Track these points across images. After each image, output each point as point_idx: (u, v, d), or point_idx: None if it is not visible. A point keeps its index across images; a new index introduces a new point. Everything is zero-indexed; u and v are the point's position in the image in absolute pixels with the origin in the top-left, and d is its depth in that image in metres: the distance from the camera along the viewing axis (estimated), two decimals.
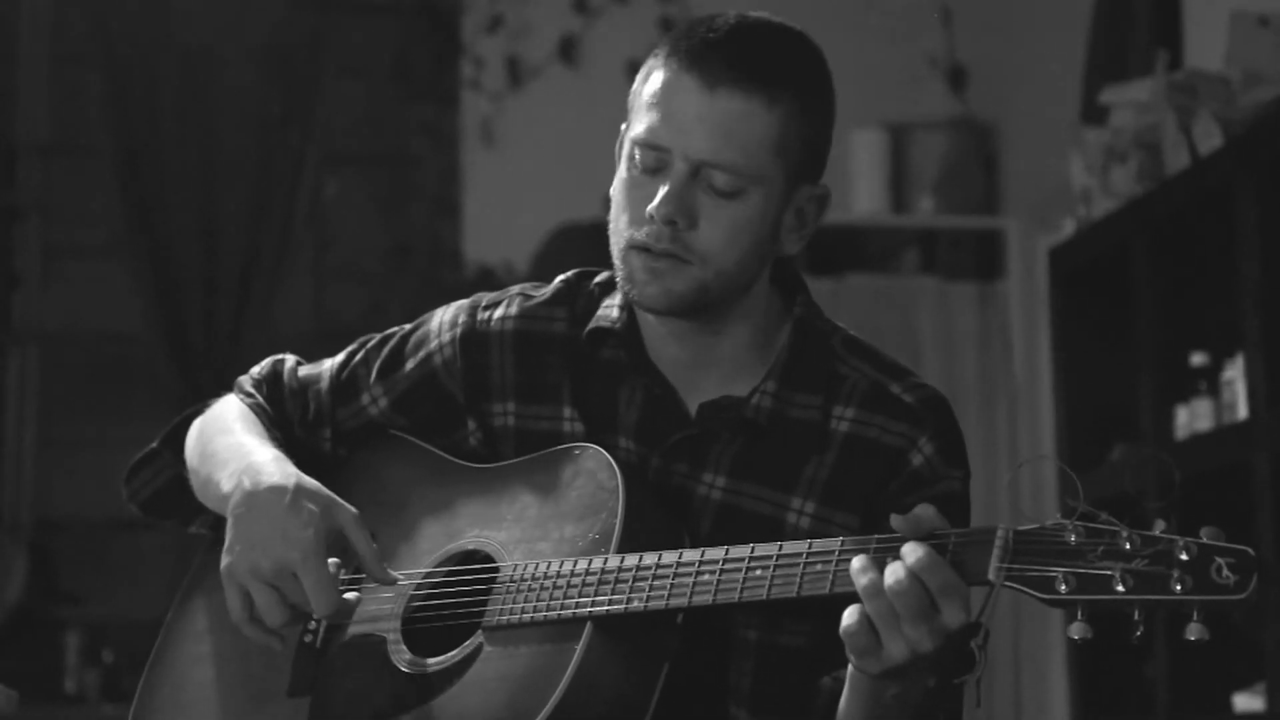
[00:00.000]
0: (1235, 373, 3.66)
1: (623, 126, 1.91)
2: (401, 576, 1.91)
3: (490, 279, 5.34)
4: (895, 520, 1.65)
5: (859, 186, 5.68)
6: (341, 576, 1.90)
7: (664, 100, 1.84)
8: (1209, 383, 3.76)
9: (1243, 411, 3.60)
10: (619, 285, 1.90)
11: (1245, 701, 3.65)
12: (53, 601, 5.29)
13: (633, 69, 2.26)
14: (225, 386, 2.14)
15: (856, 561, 1.64)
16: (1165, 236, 3.91)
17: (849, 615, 1.64)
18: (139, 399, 5.37)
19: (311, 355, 2.17)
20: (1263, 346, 3.49)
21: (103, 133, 5.34)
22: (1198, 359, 3.80)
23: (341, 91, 5.53)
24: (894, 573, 1.62)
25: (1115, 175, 4.11)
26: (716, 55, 1.83)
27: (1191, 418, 3.79)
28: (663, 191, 1.83)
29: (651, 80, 1.87)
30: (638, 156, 1.86)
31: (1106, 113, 4.24)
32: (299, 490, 1.87)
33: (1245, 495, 3.48)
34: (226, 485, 1.93)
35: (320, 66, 5.46)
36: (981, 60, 5.80)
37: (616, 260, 1.88)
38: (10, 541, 5.31)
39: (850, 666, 1.70)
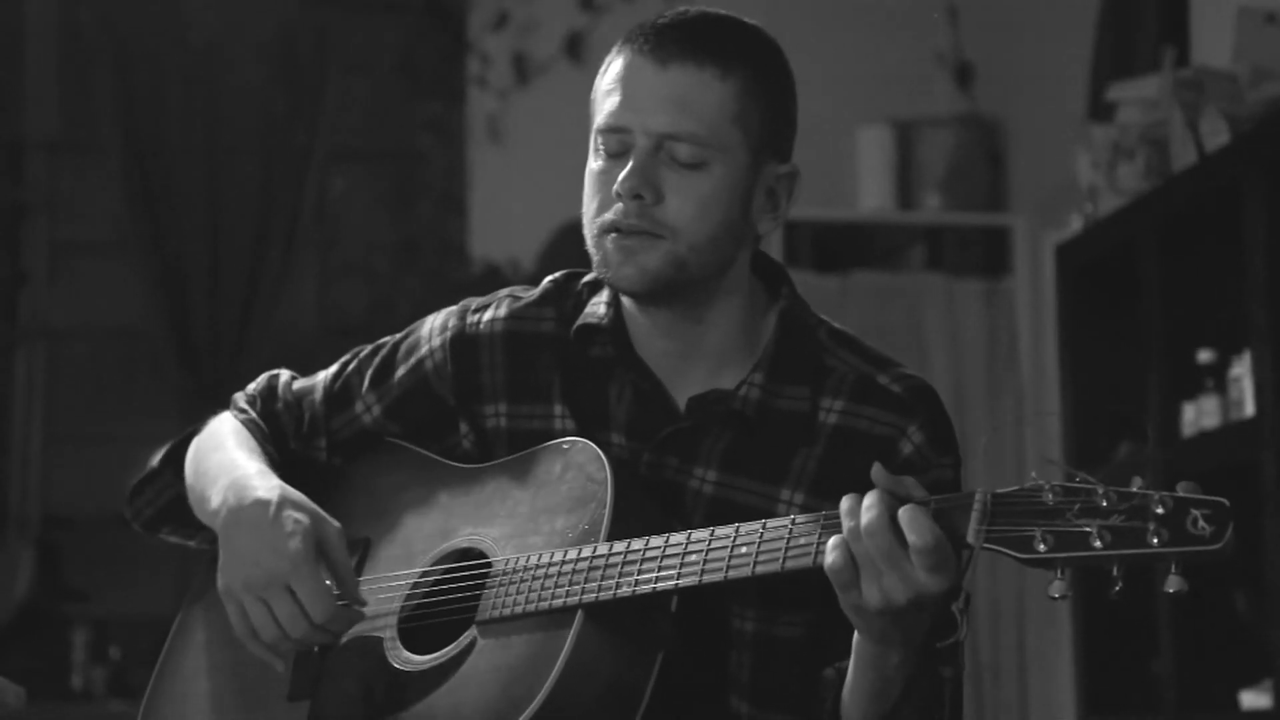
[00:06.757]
0: (1242, 370, 3.65)
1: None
2: (370, 600, 1.93)
3: (497, 276, 5.33)
4: (877, 473, 1.67)
5: (865, 183, 5.68)
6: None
7: (621, 84, 1.89)
8: (1216, 380, 3.76)
9: (1250, 409, 3.60)
10: (596, 271, 1.92)
11: (1252, 699, 3.65)
12: (60, 598, 5.29)
13: None
14: (230, 385, 2.16)
15: (846, 501, 1.67)
16: (1172, 233, 3.90)
17: (831, 548, 1.66)
18: (145, 396, 5.37)
19: (317, 352, 2.18)
20: (1270, 343, 3.48)
21: (110, 130, 5.34)
22: (1205, 356, 3.79)
23: (348, 88, 5.53)
24: (869, 510, 1.65)
25: (1122, 172, 4.10)
26: (669, 35, 1.88)
27: (1198, 415, 3.78)
28: (627, 168, 1.86)
29: (609, 72, 1.91)
30: (602, 144, 1.90)
31: (1113, 109, 4.23)
32: (283, 502, 1.89)
33: (1253, 492, 3.47)
34: (215, 502, 1.96)
35: (326, 63, 5.46)
36: (988, 57, 5.79)
37: (591, 248, 1.90)
38: (17, 538, 5.31)
39: (854, 640, 1.73)
